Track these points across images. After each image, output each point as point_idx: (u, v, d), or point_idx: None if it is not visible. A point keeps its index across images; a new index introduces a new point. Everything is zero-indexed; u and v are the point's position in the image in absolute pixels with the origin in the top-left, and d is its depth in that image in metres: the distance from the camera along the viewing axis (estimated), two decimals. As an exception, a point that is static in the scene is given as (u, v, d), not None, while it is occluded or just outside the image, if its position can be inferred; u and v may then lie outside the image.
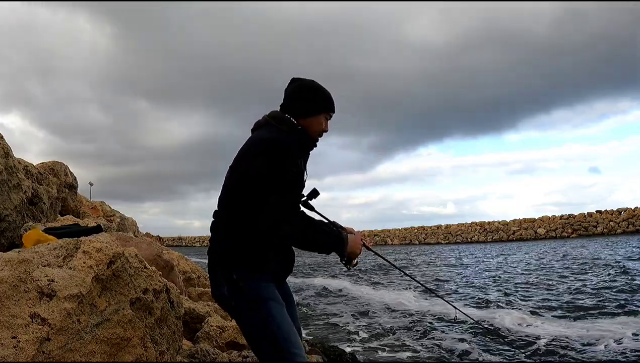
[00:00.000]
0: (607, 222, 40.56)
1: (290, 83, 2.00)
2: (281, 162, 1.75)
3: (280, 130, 1.86)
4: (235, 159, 1.91)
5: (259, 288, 1.80)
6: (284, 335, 1.74)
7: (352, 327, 7.20)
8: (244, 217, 1.78)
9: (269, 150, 1.76)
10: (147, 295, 2.30)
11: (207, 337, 3.54)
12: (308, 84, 1.98)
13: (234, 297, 1.81)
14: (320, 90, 1.99)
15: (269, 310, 1.76)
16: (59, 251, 2.13)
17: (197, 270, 7.48)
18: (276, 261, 1.88)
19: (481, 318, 6.99)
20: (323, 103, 1.98)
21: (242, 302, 1.79)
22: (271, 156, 1.75)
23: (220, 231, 1.89)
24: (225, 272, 1.82)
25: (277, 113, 1.94)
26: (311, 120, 1.94)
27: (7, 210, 3.49)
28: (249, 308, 1.78)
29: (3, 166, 3.54)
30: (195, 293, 5.77)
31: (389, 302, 9.47)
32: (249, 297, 1.78)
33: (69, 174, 6.76)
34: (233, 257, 1.81)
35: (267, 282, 1.83)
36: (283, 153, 1.76)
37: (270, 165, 1.73)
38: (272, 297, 1.81)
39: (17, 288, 1.80)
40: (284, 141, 1.80)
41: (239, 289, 1.78)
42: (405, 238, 55.84)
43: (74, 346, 1.84)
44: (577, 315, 7.04)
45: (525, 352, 5.25)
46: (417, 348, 5.69)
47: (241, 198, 1.80)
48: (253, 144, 1.85)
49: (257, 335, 1.78)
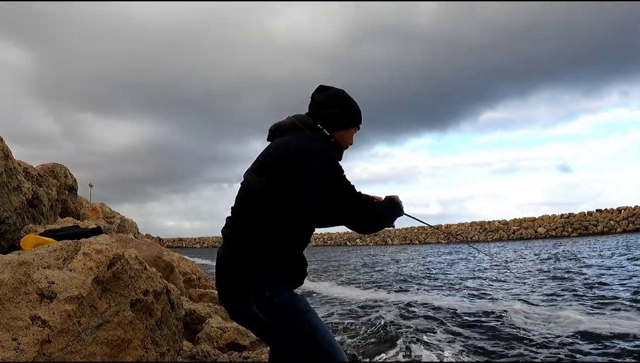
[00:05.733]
0: (607, 221, 40.56)
1: (320, 90, 1.94)
2: (333, 162, 1.77)
3: (316, 139, 1.80)
4: (263, 161, 1.79)
5: (293, 300, 1.73)
6: (328, 343, 1.69)
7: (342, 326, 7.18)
8: (282, 224, 1.70)
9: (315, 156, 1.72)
10: (148, 297, 2.30)
11: (207, 338, 3.54)
12: (341, 94, 1.92)
13: (267, 314, 1.67)
14: (353, 102, 1.94)
15: (309, 321, 1.70)
16: (59, 253, 2.13)
17: (198, 271, 7.48)
18: (301, 270, 1.83)
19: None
20: (356, 116, 1.94)
21: (278, 317, 1.67)
22: (331, 162, 1.75)
23: (246, 243, 1.72)
24: (255, 290, 1.68)
25: (308, 120, 1.85)
26: (343, 132, 1.90)
27: (7, 212, 3.49)
28: (287, 323, 1.67)
29: (3, 168, 3.54)
30: (196, 295, 5.77)
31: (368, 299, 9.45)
32: (287, 311, 1.68)
33: (69, 176, 6.76)
34: (263, 272, 1.69)
35: (294, 292, 1.78)
36: (331, 157, 1.77)
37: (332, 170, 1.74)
38: (307, 308, 1.75)
39: (17, 290, 1.80)
40: (327, 149, 1.79)
41: (274, 305, 1.67)
42: (406, 238, 55.83)
43: (74, 348, 1.84)
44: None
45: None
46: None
47: (283, 204, 1.68)
48: (300, 151, 1.71)
49: (300, 348, 1.68)
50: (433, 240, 52.07)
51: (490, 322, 6.69)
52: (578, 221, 42.68)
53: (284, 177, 1.68)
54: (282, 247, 1.73)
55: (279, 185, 1.69)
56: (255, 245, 1.70)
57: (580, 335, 5.66)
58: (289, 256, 1.75)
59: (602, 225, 40.62)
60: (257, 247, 1.70)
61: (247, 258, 1.70)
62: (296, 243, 1.78)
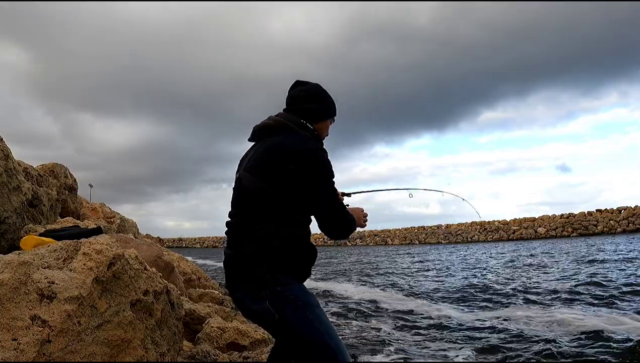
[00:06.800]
0: (607, 221, 40.55)
1: (296, 85, 1.98)
2: (330, 166, 1.82)
3: (311, 138, 1.87)
4: (260, 162, 1.82)
5: (304, 295, 1.77)
6: (335, 342, 1.73)
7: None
8: (286, 222, 1.74)
9: (324, 159, 1.79)
10: (148, 297, 2.30)
11: (207, 338, 3.54)
12: (318, 88, 1.99)
13: (279, 309, 1.70)
14: (328, 95, 2.00)
15: (318, 317, 1.74)
16: (59, 253, 2.13)
17: (198, 271, 7.49)
18: (310, 259, 1.87)
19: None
20: (332, 108, 2.00)
21: (289, 312, 1.71)
22: (321, 162, 1.79)
23: (252, 243, 1.75)
24: (267, 286, 1.71)
25: (296, 119, 1.89)
26: (322, 124, 1.97)
27: (7, 212, 3.49)
28: (297, 318, 1.71)
29: (3, 168, 3.54)
30: (196, 295, 5.77)
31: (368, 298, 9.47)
32: (297, 306, 1.72)
33: (69, 176, 6.76)
34: (274, 268, 1.72)
35: (304, 287, 1.81)
36: (327, 158, 1.82)
37: (323, 170, 1.79)
38: (317, 303, 1.79)
39: (17, 290, 1.80)
40: (323, 149, 1.84)
41: (285, 300, 1.71)
42: (406, 238, 55.81)
43: (74, 348, 1.84)
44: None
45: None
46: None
47: (284, 204, 1.74)
48: (306, 152, 1.77)
49: (308, 345, 1.71)
50: (433, 240, 52.06)
51: (491, 323, 6.69)
52: (578, 221, 42.67)
53: (288, 178, 1.73)
54: (289, 242, 1.76)
55: (282, 184, 1.73)
56: (262, 243, 1.73)
57: (582, 335, 5.67)
58: (296, 249, 1.78)
59: (602, 225, 40.61)
60: (264, 245, 1.72)
61: (256, 257, 1.73)
62: (302, 237, 1.82)
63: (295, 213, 1.77)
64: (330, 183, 1.81)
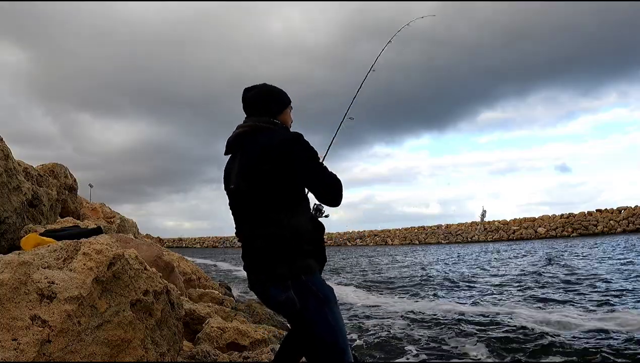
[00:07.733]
0: (607, 221, 40.54)
1: (249, 91, 2.09)
2: (310, 145, 1.93)
3: (285, 129, 2.04)
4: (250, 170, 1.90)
5: (325, 289, 1.87)
6: (344, 343, 1.83)
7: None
8: (291, 211, 1.87)
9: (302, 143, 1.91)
10: (148, 297, 2.30)
11: (207, 338, 3.54)
12: (266, 85, 2.14)
13: (303, 299, 1.81)
14: (277, 88, 2.16)
15: (334, 315, 1.85)
16: (59, 253, 2.13)
17: (198, 271, 7.49)
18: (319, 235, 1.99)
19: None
20: (285, 96, 2.16)
21: (312, 303, 1.81)
22: (307, 147, 1.91)
23: (267, 241, 1.84)
24: (292, 277, 1.81)
25: (259, 119, 2.02)
26: (283, 115, 2.11)
27: (7, 212, 3.49)
28: (317, 311, 1.82)
29: (3, 168, 3.54)
30: (196, 295, 5.77)
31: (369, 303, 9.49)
32: (319, 299, 1.83)
33: (69, 176, 6.76)
34: (293, 257, 1.82)
35: (323, 279, 1.92)
36: (305, 140, 1.93)
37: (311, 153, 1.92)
38: (335, 300, 1.90)
39: (17, 290, 1.80)
40: (299, 134, 1.96)
41: (309, 291, 1.82)
42: (406, 238, 55.79)
43: (74, 348, 1.84)
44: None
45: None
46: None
47: (286, 196, 1.87)
48: (283, 145, 1.88)
49: (320, 342, 1.82)
50: (433, 240, 52.05)
51: (493, 324, 6.69)
52: (578, 221, 42.65)
53: (282, 171, 1.84)
54: (298, 231, 1.85)
55: (279, 180, 1.84)
56: (276, 239, 1.83)
57: (585, 335, 5.68)
58: (306, 234, 1.88)
59: (602, 225, 40.59)
60: (278, 240, 1.82)
61: (274, 252, 1.82)
62: (307, 221, 1.93)
63: (296, 199, 1.91)
64: (317, 160, 1.93)
